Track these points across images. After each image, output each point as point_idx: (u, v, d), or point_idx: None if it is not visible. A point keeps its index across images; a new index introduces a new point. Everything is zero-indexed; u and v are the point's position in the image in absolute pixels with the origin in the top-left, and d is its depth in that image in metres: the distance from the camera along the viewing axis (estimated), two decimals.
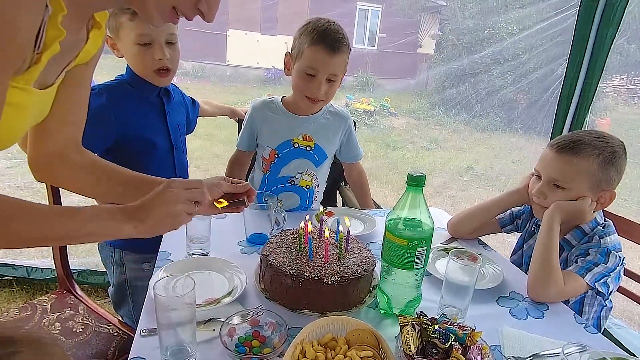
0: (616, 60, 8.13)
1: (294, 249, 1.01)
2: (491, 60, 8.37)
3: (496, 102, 8.22)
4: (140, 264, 1.39)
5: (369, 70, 11.13)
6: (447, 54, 9.89)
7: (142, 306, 1.36)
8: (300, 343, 0.76)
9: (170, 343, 0.76)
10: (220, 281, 1.03)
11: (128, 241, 1.33)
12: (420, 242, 0.87)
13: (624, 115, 9.44)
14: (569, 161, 1.11)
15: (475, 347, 0.75)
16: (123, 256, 1.40)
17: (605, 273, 1.06)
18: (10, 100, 0.61)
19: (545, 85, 5.86)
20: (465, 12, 9.42)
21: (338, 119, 1.48)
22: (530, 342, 0.90)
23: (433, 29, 12.11)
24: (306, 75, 1.29)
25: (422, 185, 0.87)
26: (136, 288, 1.43)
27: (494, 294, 1.08)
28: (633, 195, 5.38)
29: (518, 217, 1.36)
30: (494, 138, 7.79)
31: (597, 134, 1.13)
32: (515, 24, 7.79)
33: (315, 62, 1.26)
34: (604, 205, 1.14)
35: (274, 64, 10.60)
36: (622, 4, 2.08)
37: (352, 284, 0.94)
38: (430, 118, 8.90)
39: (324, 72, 1.28)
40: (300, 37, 1.29)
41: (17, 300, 2.25)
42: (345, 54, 1.29)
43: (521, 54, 7.69)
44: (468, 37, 9.22)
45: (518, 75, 7.66)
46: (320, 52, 1.25)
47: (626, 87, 9.70)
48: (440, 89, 9.59)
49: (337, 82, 1.33)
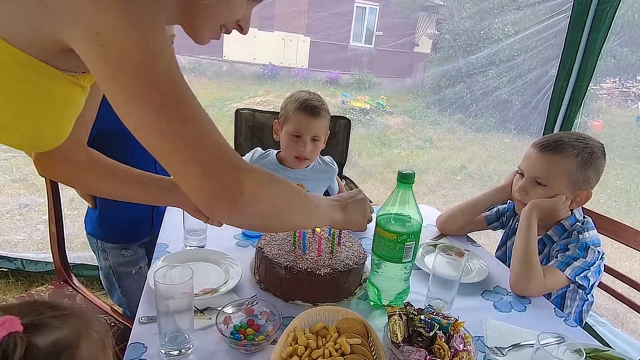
0: (610, 64, 8.23)
1: (289, 242, 1.05)
2: (487, 61, 8.43)
3: (491, 102, 8.28)
4: (120, 251, 1.44)
5: (366, 69, 11.17)
6: (444, 54, 9.94)
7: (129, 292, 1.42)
8: (293, 330, 0.81)
9: (169, 329, 0.80)
10: (216, 272, 1.07)
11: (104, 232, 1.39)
12: (408, 236, 0.91)
13: (616, 118, 9.54)
14: (550, 159, 1.16)
15: (458, 336, 0.79)
16: (104, 244, 1.44)
17: (585, 267, 1.11)
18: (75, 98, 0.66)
19: (538, 86, 5.93)
20: (462, 13, 9.47)
21: (326, 169, 1.63)
22: (512, 334, 0.95)
23: (430, 28, 12.15)
24: (293, 137, 1.44)
25: (412, 182, 0.91)
26: (120, 274, 1.47)
27: (480, 288, 1.12)
28: (623, 197, 5.47)
29: (503, 214, 1.42)
30: (488, 138, 7.87)
31: (578, 135, 1.18)
32: (511, 26, 7.85)
33: (300, 126, 1.42)
34: (580, 204, 1.19)
35: (270, 60, 10.61)
36: (612, 10, 2.13)
37: (343, 276, 0.98)
38: (425, 117, 8.96)
39: (307, 134, 1.43)
40: (286, 106, 1.46)
41: (13, 291, 2.28)
42: (325, 118, 1.46)
43: (517, 55, 7.75)
44: (464, 38, 9.28)
45: (513, 76, 7.73)
46: (303, 117, 1.41)
47: (619, 90, 9.79)
48: (436, 88, 9.64)
49: (320, 142, 1.48)
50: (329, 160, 1.64)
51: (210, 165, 0.58)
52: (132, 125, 0.56)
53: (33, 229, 3.03)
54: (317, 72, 11.38)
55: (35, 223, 3.12)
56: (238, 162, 0.62)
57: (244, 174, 0.61)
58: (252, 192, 0.62)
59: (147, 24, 0.53)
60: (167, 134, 0.56)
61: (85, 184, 0.93)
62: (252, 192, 0.62)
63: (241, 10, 0.73)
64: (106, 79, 0.54)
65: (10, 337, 0.34)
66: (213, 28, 0.72)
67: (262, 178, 0.66)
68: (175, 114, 0.55)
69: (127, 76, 0.53)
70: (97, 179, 0.89)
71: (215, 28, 0.72)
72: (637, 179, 6.49)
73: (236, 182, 0.60)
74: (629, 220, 4.76)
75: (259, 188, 0.64)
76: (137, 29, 0.52)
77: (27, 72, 0.57)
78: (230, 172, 0.60)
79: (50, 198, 1.53)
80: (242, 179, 0.61)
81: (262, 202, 0.65)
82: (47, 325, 0.39)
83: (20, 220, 3.16)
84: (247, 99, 8.40)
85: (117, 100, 0.54)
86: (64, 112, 0.67)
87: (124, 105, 0.54)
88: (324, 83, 10.97)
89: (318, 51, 11.61)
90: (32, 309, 0.40)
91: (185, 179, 0.59)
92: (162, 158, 0.58)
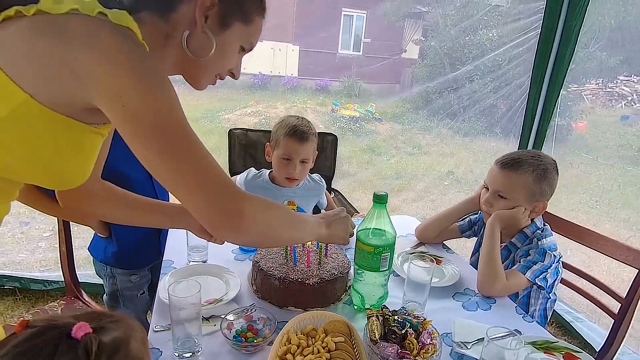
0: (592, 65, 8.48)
1: (281, 256, 1.20)
2: (473, 67, 8.65)
3: (478, 106, 8.49)
4: (129, 276, 1.53)
5: (354, 75, 11.36)
6: (430, 60, 10.16)
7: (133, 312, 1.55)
8: (286, 333, 0.95)
9: (181, 335, 0.93)
10: (218, 284, 1.20)
11: (117, 259, 1.48)
12: (384, 248, 1.06)
13: (601, 118, 9.73)
14: (509, 175, 1.32)
15: (425, 332, 0.93)
16: (114, 270, 1.52)
17: (543, 270, 1.27)
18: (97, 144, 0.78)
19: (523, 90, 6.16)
20: (447, 20, 9.70)
21: (315, 186, 1.76)
22: (477, 330, 1.09)
23: (417, 34, 12.39)
24: (284, 160, 1.56)
25: (385, 202, 1.06)
26: (126, 297, 1.56)
27: (451, 291, 1.27)
28: (604, 197, 5.65)
29: (475, 224, 1.57)
30: (475, 142, 8.05)
31: (534, 153, 1.35)
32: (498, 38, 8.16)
33: (289, 150, 1.55)
34: (538, 214, 1.35)
35: (261, 70, 10.76)
36: (577, 25, 2.31)
37: (330, 284, 1.12)
38: (414, 123, 9.12)
39: (297, 157, 1.55)
40: (277, 131, 1.59)
41: (21, 307, 2.38)
42: (313, 142, 1.59)
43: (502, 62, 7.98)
44: (449, 44, 9.51)
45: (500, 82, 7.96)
46: (292, 142, 1.54)
47: (604, 90, 10.05)
48: (423, 94, 9.83)
49: (309, 163, 1.61)
50: (317, 178, 1.78)
51: (215, 197, 0.72)
52: (150, 166, 0.69)
53: (35, 247, 3.13)
54: (307, 79, 11.56)
55: (37, 241, 3.22)
56: (238, 192, 0.75)
57: (244, 202, 0.75)
58: (251, 216, 0.75)
59: (157, 86, 0.67)
60: (179, 174, 0.70)
61: (103, 213, 1.06)
62: (251, 216, 0.75)
63: (234, 61, 0.88)
64: (128, 133, 0.67)
65: (87, 336, 0.49)
66: (209, 78, 0.87)
67: (259, 204, 0.79)
68: (184, 157, 0.69)
69: (146, 131, 0.66)
70: (113, 207, 1.02)
71: (211, 77, 0.88)
72: (620, 178, 6.69)
73: (237, 209, 0.74)
74: (609, 219, 4.95)
75: (257, 213, 0.78)
76: (151, 91, 0.66)
77: (56, 126, 0.68)
78: (232, 201, 0.74)
79: (60, 221, 1.67)
80: (243, 206, 0.74)
81: (259, 224, 0.79)
82: (106, 328, 0.53)
83: (22, 238, 3.25)
84: (238, 109, 8.51)
85: (137, 148, 0.68)
86: (88, 157, 0.80)
87: (143, 152, 0.68)
88: (314, 91, 11.12)
89: (307, 59, 11.78)
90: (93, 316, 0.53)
91: (196, 208, 0.73)
92: (176, 192, 0.72)
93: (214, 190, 0.72)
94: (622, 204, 5.45)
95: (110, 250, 1.46)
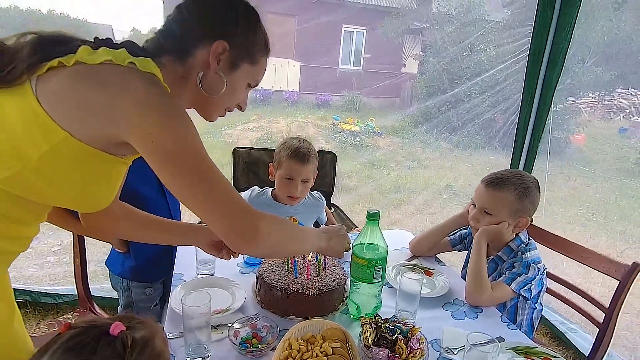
0: (589, 79, 8.66)
1: (283, 269, 1.30)
2: (472, 83, 8.84)
3: (477, 120, 8.65)
4: (144, 289, 1.63)
5: (355, 90, 11.55)
6: (430, 75, 10.36)
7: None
8: (288, 339, 1.04)
9: (192, 342, 1.03)
10: (225, 295, 1.30)
11: (134, 273, 1.59)
12: (377, 262, 1.16)
13: (600, 130, 9.83)
14: (494, 194, 1.42)
15: (414, 338, 1.03)
16: (130, 283, 1.62)
17: (527, 281, 1.36)
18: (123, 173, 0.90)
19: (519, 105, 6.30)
20: (445, 37, 9.93)
21: (315, 203, 1.87)
22: (463, 337, 1.17)
23: (416, 49, 12.63)
24: (286, 180, 1.66)
25: (378, 219, 1.16)
26: (140, 308, 1.65)
27: (442, 301, 1.37)
28: (601, 210, 5.73)
29: (465, 238, 1.67)
30: (474, 156, 8.16)
31: (517, 172, 1.45)
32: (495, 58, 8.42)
33: (291, 170, 1.64)
34: (521, 229, 1.45)
35: (262, 85, 10.92)
36: (564, 47, 2.44)
37: (328, 295, 1.22)
38: (414, 137, 9.26)
39: (298, 177, 1.65)
40: (280, 153, 1.68)
41: (31, 320, 2.46)
42: (313, 163, 1.68)
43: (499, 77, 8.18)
44: (447, 60, 9.72)
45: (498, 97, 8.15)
46: (294, 164, 1.63)
47: (601, 103, 10.18)
48: (423, 109, 10.01)
49: (309, 182, 1.70)
50: (317, 195, 1.89)
51: (234, 217, 0.83)
52: (177, 193, 0.80)
53: (44, 262, 3.23)
54: (308, 94, 11.75)
55: (46, 256, 3.32)
56: (253, 211, 0.86)
57: (259, 220, 0.85)
58: (266, 232, 0.86)
59: (181, 124, 0.78)
60: (203, 198, 0.81)
61: (122, 232, 1.17)
62: (266, 232, 0.86)
63: (241, 96, 0.99)
64: (157, 166, 0.78)
65: (122, 333, 0.59)
66: (220, 111, 0.99)
67: (271, 222, 0.90)
68: (206, 185, 0.80)
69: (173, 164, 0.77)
70: (132, 226, 1.13)
71: (222, 111, 0.99)
72: (617, 191, 6.77)
73: (253, 227, 0.84)
74: (605, 232, 5.02)
75: (270, 229, 0.88)
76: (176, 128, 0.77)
77: (91, 159, 0.78)
78: (248, 220, 0.84)
79: (75, 236, 1.77)
80: (258, 223, 0.85)
81: (272, 239, 0.90)
82: (135, 327, 0.63)
83: (31, 253, 3.34)
84: (240, 125, 8.64)
85: (165, 178, 0.79)
86: (116, 184, 0.91)
87: (171, 181, 0.79)
88: (315, 105, 11.29)
89: (308, 74, 11.98)
90: (124, 319, 0.64)
91: (217, 226, 0.83)
92: (199, 213, 0.83)
93: (232, 211, 0.83)
94: (619, 217, 5.52)
95: (128, 265, 1.56)
